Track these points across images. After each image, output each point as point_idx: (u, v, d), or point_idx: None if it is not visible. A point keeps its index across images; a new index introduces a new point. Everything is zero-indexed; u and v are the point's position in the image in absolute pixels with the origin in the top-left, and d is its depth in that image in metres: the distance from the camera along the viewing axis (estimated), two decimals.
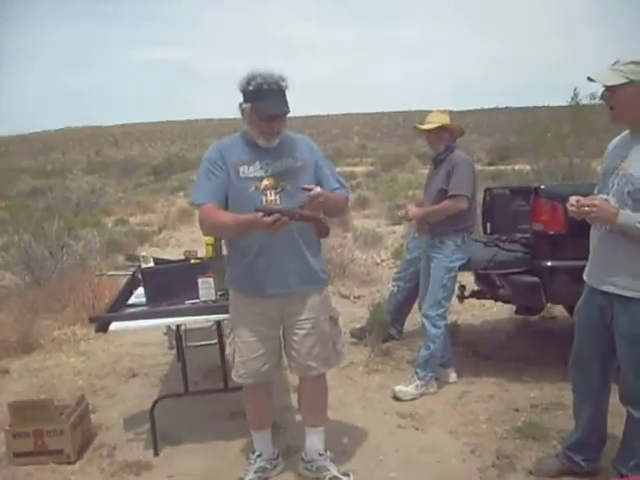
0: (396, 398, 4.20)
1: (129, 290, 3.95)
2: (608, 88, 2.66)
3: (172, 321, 3.56)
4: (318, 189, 2.78)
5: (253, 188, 2.92)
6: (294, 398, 3.95)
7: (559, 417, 3.82)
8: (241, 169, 2.94)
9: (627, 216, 2.58)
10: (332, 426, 3.81)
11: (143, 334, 5.50)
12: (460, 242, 4.22)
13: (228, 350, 3.20)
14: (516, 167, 18.12)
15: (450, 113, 4.50)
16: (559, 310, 5.64)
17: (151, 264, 3.88)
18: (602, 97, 2.72)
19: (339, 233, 10.96)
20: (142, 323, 3.54)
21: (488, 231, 5.33)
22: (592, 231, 2.88)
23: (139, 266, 3.87)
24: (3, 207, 13.58)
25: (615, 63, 2.66)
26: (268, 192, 2.92)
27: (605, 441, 3.15)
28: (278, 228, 2.68)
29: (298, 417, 3.74)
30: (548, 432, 3.61)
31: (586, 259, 3.01)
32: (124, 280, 4.25)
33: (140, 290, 3.88)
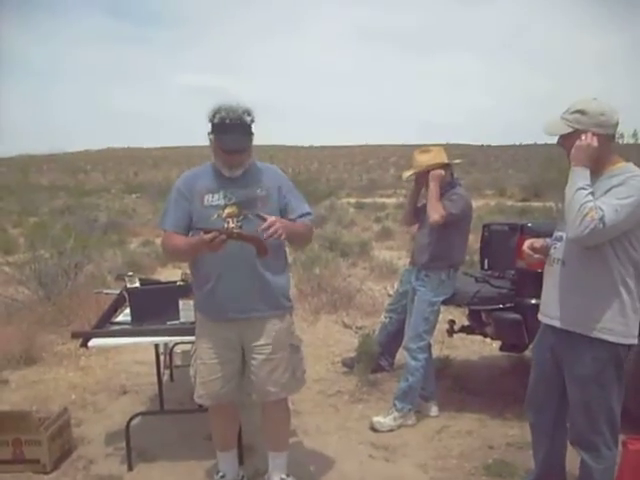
0: (373, 429, 4.23)
1: (114, 308, 4.08)
2: (560, 136, 2.76)
3: (149, 340, 3.67)
4: (272, 218, 2.86)
5: (215, 216, 3.03)
6: None
7: (531, 457, 3.82)
8: (206, 197, 3.06)
9: (583, 173, 2.61)
10: (303, 452, 3.88)
11: (143, 353, 5.61)
12: (445, 277, 4.26)
13: (191, 371, 3.30)
14: (548, 204, 18.01)
15: (438, 148, 4.47)
16: None
17: (137, 284, 4.00)
18: (558, 143, 2.80)
19: (358, 263, 11.06)
20: (120, 341, 3.67)
21: (486, 267, 5.34)
22: (545, 267, 2.92)
23: (125, 286, 3.99)
24: (31, 224, 13.94)
25: (565, 111, 2.74)
26: (230, 220, 3.02)
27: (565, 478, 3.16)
28: (217, 246, 2.80)
29: None
30: (516, 471, 3.61)
31: None
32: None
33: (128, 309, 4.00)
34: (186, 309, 3.71)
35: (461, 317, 5.37)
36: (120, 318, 4.00)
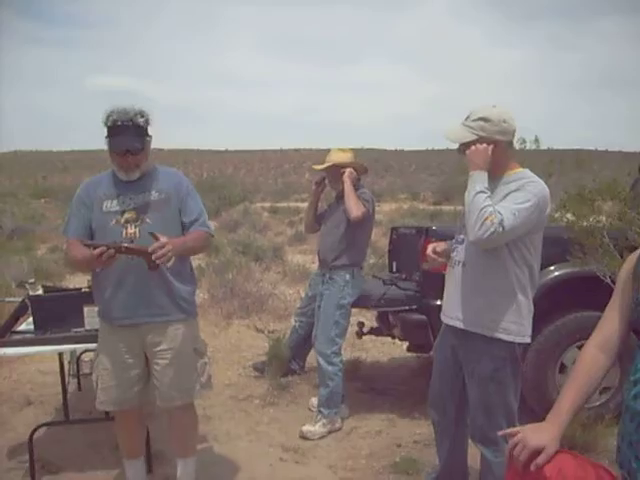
0: (305, 438, 4.20)
1: (16, 317, 3.95)
2: (461, 144, 2.83)
3: (53, 349, 3.58)
4: (164, 239, 2.81)
5: (114, 222, 3.02)
6: None
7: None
8: (104, 204, 3.05)
9: (482, 178, 2.69)
10: (213, 458, 3.88)
11: (48, 362, 5.45)
12: (349, 277, 4.31)
13: (93, 377, 3.25)
14: (458, 208, 18.50)
15: (353, 151, 4.60)
16: None
17: (39, 292, 3.89)
18: (458, 151, 2.88)
19: (271, 267, 11.07)
20: (22, 350, 3.56)
21: (394, 269, 5.46)
22: (447, 269, 3.02)
23: (27, 294, 3.88)
24: None
25: (467, 118, 2.82)
26: (128, 225, 3.02)
27: (467, 476, 3.26)
28: (107, 261, 2.79)
29: None
30: (423, 467, 3.71)
31: None
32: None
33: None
34: (91, 316, 3.62)
35: (371, 319, 5.46)
36: (23, 327, 3.87)
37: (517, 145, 12.33)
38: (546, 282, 4.20)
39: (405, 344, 5.22)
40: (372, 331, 5.19)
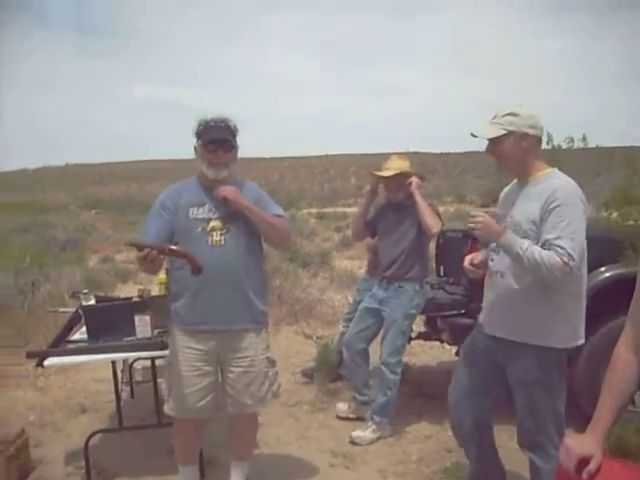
0: (354, 443, 4.21)
1: (70, 327, 4.05)
2: (491, 141, 2.81)
3: (105, 357, 3.66)
4: (230, 188, 3.05)
5: (200, 229, 3.09)
6: None
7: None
8: (190, 210, 3.12)
9: (512, 238, 2.65)
10: (264, 463, 3.91)
11: (101, 370, 5.56)
12: (419, 287, 4.29)
13: (164, 385, 3.31)
14: None
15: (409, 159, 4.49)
16: None
17: (92, 302, 3.98)
18: (487, 150, 2.86)
19: (319, 273, 11.10)
20: (76, 359, 3.65)
21: (441, 273, 5.43)
22: (486, 279, 3.00)
23: (80, 304, 3.98)
24: None
25: (494, 117, 2.81)
26: (214, 233, 3.09)
27: (504, 475, 3.24)
28: (152, 262, 2.85)
29: None
30: None
31: None
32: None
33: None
34: (142, 325, 3.71)
35: (419, 324, 5.43)
36: (76, 336, 3.96)
37: (565, 144, 12.17)
38: (597, 283, 4.14)
39: (454, 348, 5.19)
40: (420, 336, 5.17)
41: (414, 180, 4.25)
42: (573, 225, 2.61)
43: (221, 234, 3.10)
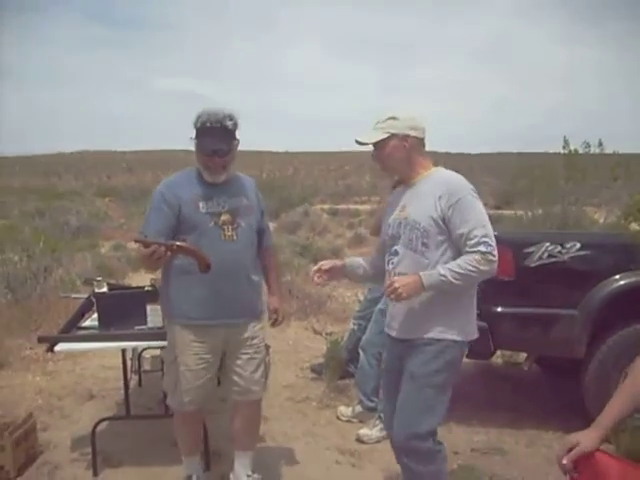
0: (361, 441, 4.21)
1: (82, 313, 4.06)
2: (375, 146, 2.84)
3: (116, 345, 3.67)
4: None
5: (212, 223, 3.08)
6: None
7: (496, 462, 3.89)
8: (200, 204, 3.09)
9: (429, 276, 2.66)
10: (270, 457, 3.91)
11: (111, 358, 5.58)
12: None
13: (167, 378, 3.31)
14: (519, 212, 18.16)
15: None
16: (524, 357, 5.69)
17: (104, 289, 3.98)
18: (372, 156, 2.91)
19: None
20: (86, 345, 3.67)
21: None
22: (386, 281, 2.90)
23: (93, 290, 3.98)
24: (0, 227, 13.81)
25: (377, 123, 2.85)
26: (226, 227, 3.10)
27: None
28: (158, 259, 2.81)
29: None
30: (480, 476, 3.67)
31: (535, 306, 3.02)
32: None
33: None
34: (154, 314, 3.73)
35: None
36: (87, 323, 3.98)
37: (581, 149, 12.05)
38: (610, 291, 4.11)
39: None
40: None
41: None
42: (480, 214, 2.69)
43: (232, 229, 3.11)
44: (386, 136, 2.79)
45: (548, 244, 4.22)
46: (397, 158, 2.83)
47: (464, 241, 2.67)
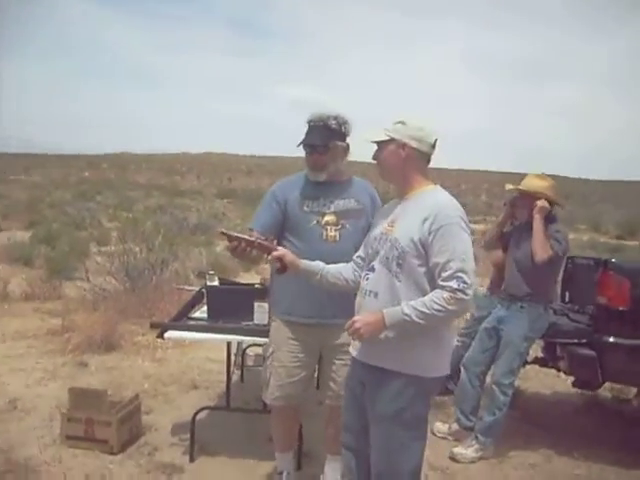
0: (454, 460, 4.16)
1: (193, 304, 4.21)
2: (377, 146, 2.67)
3: (222, 337, 3.78)
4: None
5: (315, 222, 3.14)
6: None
7: None
8: (305, 203, 3.17)
9: (393, 314, 2.45)
10: None
11: (216, 351, 5.75)
12: (542, 310, 4.14)
13: (264, 372, 3.38)
14: None
15: (553, 181, 4.31)
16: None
17: (216, 283, 4.11)
18: (372, 156, 2.71)
19: None
20: (194, 335, 3.80)
21: (566, 299, 5.24)
22: (357, 299, 2.76)
23: (205, 283, 4.11)
24: (125, 219, 14.51)
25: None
26: (329, 227, 3.13)
27: None
28: (239, 254, 2.80)
29: None
30: None
31: None
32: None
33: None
34: (261, 311, 3.80)
35: (536, 348, 5.26)
36: (197, 314, 4.13)
37: None
38: None
39: (570, 379, 4.99)
40: (536, 361, 4.99)
41: (539, 203, 4.09)
42: (461, 245, 2.44)
43: (336, 230, 3.13)
44: (386, 138, 2.63)
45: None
46: (391, 165, 2.64)
47: (438, 271, 2.43)
